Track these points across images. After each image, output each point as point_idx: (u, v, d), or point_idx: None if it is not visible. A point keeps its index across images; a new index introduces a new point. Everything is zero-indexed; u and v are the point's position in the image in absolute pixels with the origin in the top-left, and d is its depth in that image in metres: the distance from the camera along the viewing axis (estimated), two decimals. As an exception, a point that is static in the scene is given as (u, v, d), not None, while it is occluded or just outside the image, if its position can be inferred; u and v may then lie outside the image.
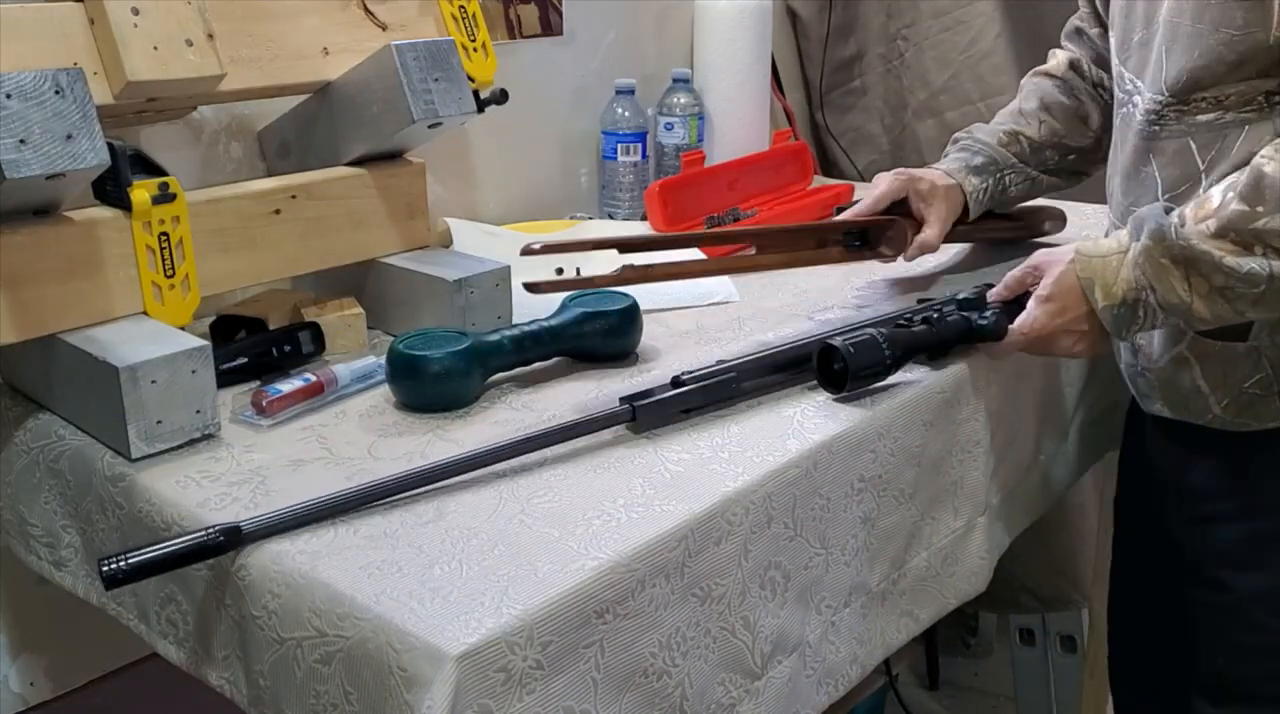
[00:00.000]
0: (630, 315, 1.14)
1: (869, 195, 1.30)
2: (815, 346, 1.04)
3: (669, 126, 1.71)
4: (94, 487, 0.97)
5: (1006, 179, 1.36)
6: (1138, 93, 1.07)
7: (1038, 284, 1.07)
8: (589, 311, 1.12)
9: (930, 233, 1.29)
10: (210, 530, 0.80)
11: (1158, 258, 0.97)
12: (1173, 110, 1.03)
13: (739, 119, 1.76)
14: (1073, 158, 1.37)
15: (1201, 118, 1.01)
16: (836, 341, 1.01)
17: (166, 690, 1.16)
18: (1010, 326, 1.08)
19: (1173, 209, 1.00)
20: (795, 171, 1.77)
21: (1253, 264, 0.92)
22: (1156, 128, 1.05)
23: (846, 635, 1.01)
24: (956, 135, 1.42)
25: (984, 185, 1.34)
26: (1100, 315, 1.02)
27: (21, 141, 0.87)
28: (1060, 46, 1.39)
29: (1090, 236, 1.10)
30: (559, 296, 1.16)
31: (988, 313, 1.09)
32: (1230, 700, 1.15)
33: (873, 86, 2.00)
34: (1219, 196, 0.95)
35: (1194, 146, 1.03)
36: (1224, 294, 0.95)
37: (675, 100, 1.71)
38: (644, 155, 1.66)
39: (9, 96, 0.87)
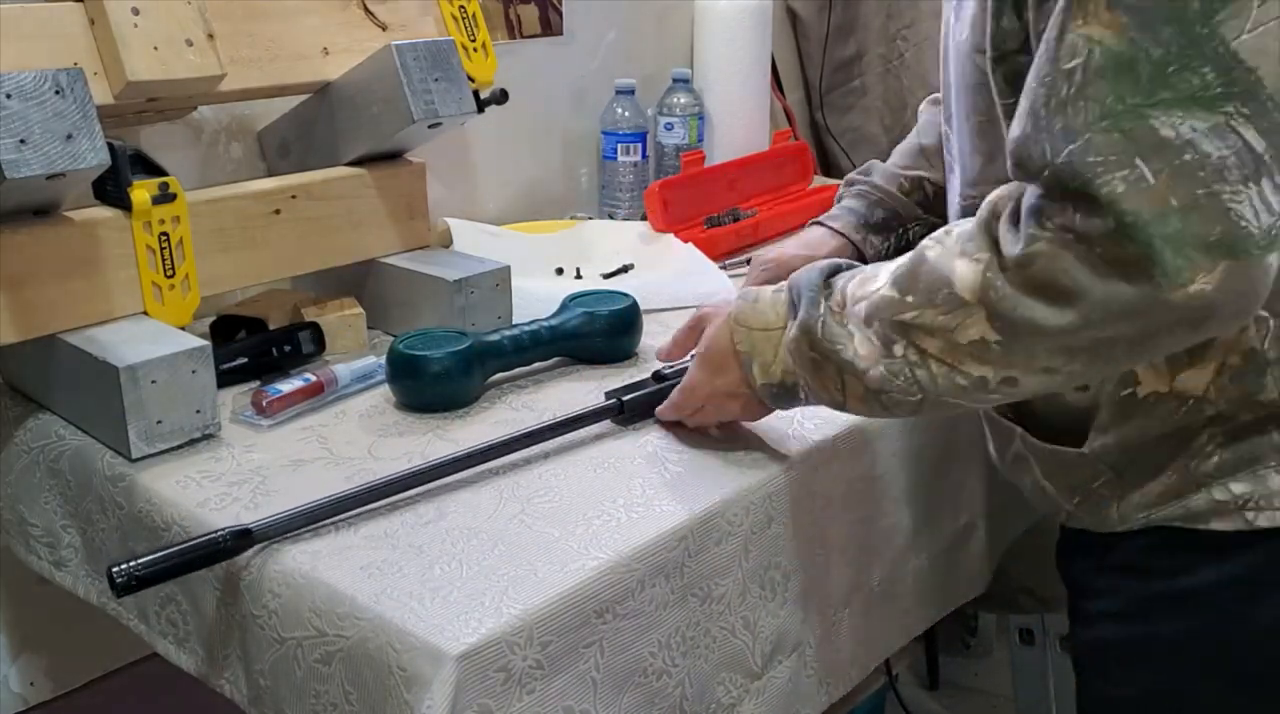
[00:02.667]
0: (630, 315, 1.14)
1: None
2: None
3: (669, 126, 1.71)
4: (94, 487, 0.97)
5: (910, 234, 1.21)
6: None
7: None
8: (589, 312, 1.12)
9: None
10: (221, 534, 0.80)
11: (807, 353, 0.83)
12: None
13: (739, 119, 1.76)
14: None
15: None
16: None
17: (166, 690, 1.16)
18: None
19: (835, 278, 0.84)
20: (795, 171, 1.77)
21: (901, 371, 0.77)
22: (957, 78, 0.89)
23: (846, 635, 1.02)
24: (851, 177, 1.27)
25: (886, 245, 1.20)
26: (759, 392, 0.89)
27: (21, 141, 0.87)
28: None
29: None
30: (559, 297, 1.16)
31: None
32: None
33: (873, 86, 2.00)
34: (880, 276, 0.80)
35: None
36: (880, 400, 0.80)
37: (675, 100, 1.71)
38: (644, 155, 1.66)
39: (9, 96, 0.87)
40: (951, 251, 0.75)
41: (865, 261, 1.03)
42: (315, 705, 0.78)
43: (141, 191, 1.00)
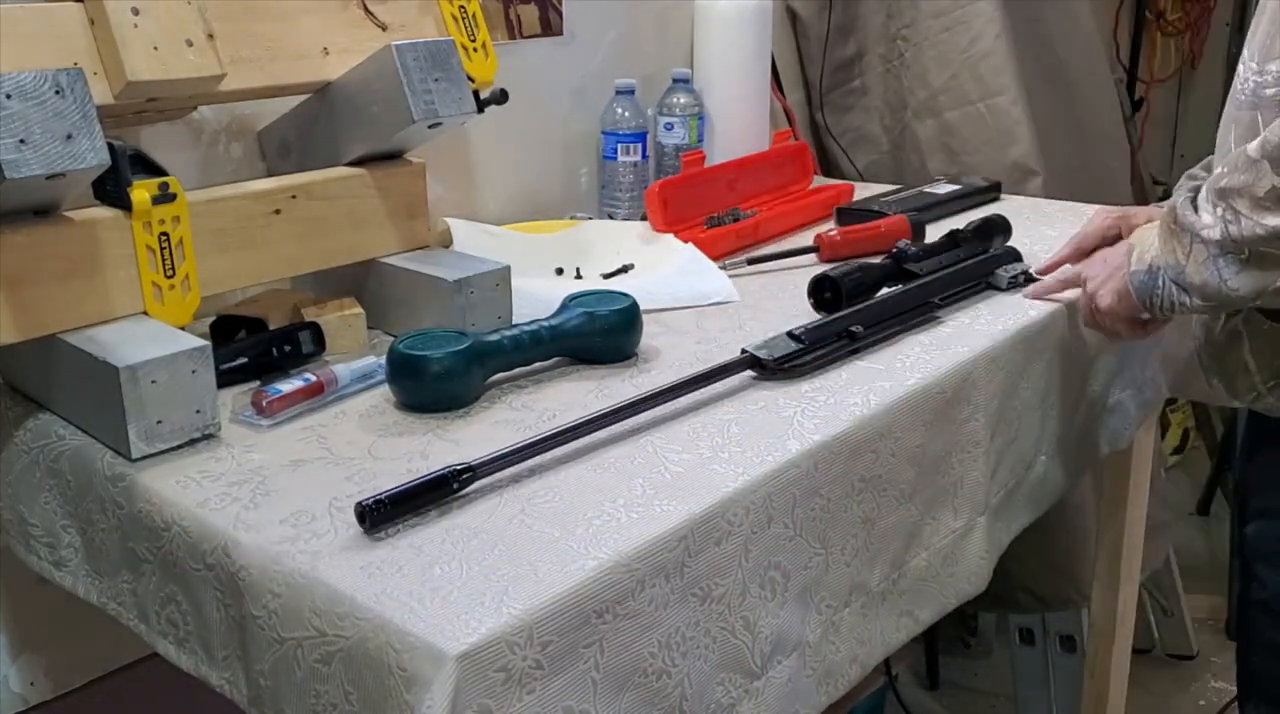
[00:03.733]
0: (630, 315, 1.14)
1: (1074, 236, 1.29)
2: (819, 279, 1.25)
3: (669, 126, 1.71)
4: (94, 487, 0.97)
5: None
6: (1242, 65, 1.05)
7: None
8: (589, 312, 1.12)
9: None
10: (453, 468, 0.85)
11: (1168, 224, 1.00)
12: (1253, 81, 1.01)
13: (739, 119, 1.76)
14: None
15: (1268, 92, 0.99)
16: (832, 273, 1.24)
17: (166, 690, 1.16)
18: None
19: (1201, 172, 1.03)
20: (795, 171, 1.77)
21: (1226, 230, 0.93)
22: (1242, 98, 1.03)
23: (846, 635, 1.02)
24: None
25: None
26: (1130, 280, 1.05)
27: (21, 141, 0.87)
28: None
29: None
30: (559, 297, 1.16)
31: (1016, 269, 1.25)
32: (1259, 701, 1.14)
33: (873, 86, 2.00)
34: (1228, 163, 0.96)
35: (1260, 121, 1.00)
36: (1215, 263, 0.95)
37: (675, 100, 1.71)
38: (644, 155, 1.66)
39: (9, 96, 0.87)
40: (1258, 140, 0.91)
41: None
42: (315, 705, 0.78)
43: (141, 191, 1.00)
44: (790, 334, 1.10)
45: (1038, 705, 1.98)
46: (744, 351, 1.09)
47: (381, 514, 0.82)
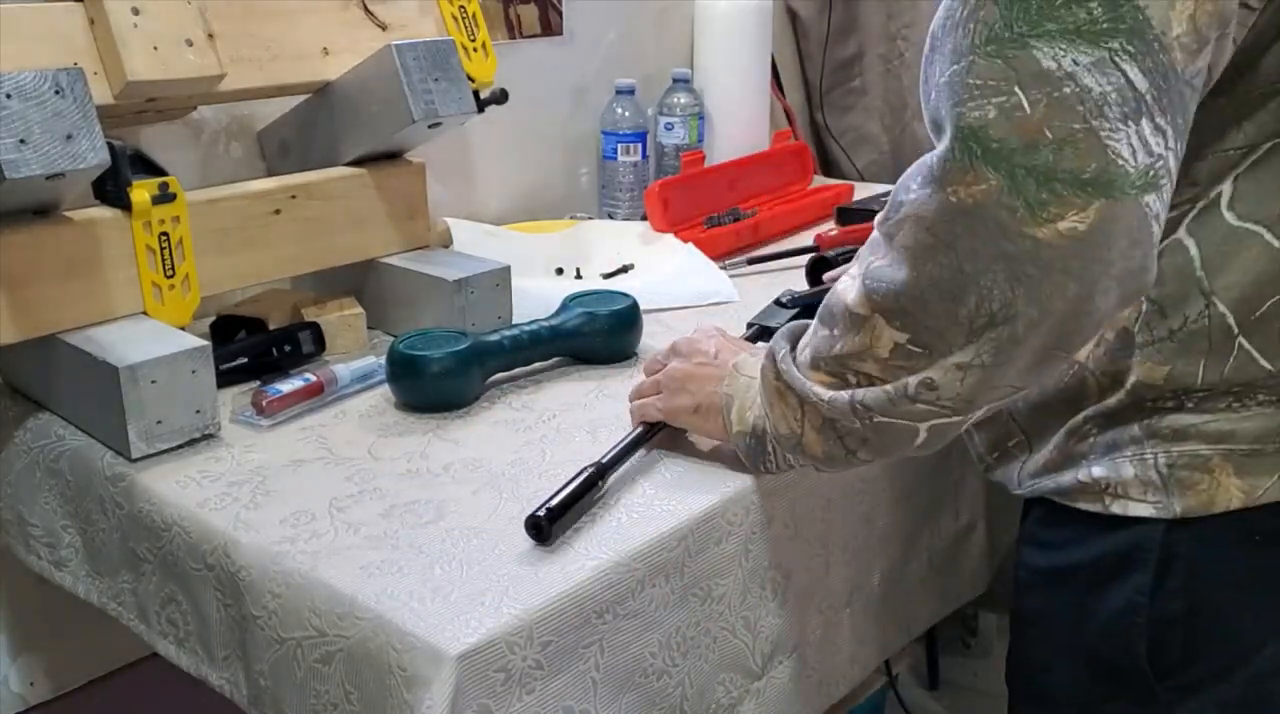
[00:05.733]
0: (630, 315, 1.14)
1: None
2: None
3: (669, 126, 1.71)
4: (94, 487, 0.96)
5: None
6: None
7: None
8: (589, 312, 1.12)
9: None
10: (590, 468, 0.86)
11: (772, 381, 0.83)
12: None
13: (739, 119, 1.76)
14: None
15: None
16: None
17: (166, 690, 1.16)
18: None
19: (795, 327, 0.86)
20: (795, 171, 1.77)
21: (841, 395, 0.77)
22: None
23: (846, 635, 1.02)
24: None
25: None
26: (733, 440, 0.89)
27: (21, 141, 0.87)
28: None
29: None
30: (559, 297, 1.16)
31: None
32: None
33: (873, 86, 2.00)
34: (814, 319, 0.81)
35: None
36: (834, 427, 0.79)
37: (675, 100, 1.71)
38: (644, 155, 1.66)
39: (9, 96, 0.87)
40: (848, 279, 0.76)
41: None
42: (315, 706, 0.78)
43: (141, 191, 1.00)
44: (779, 301, 1.11)
45: (1038, 706, 1.98)
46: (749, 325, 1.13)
47: (555, 523, 0.81)
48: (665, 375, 0.95)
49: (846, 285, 0.75)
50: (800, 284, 1.30)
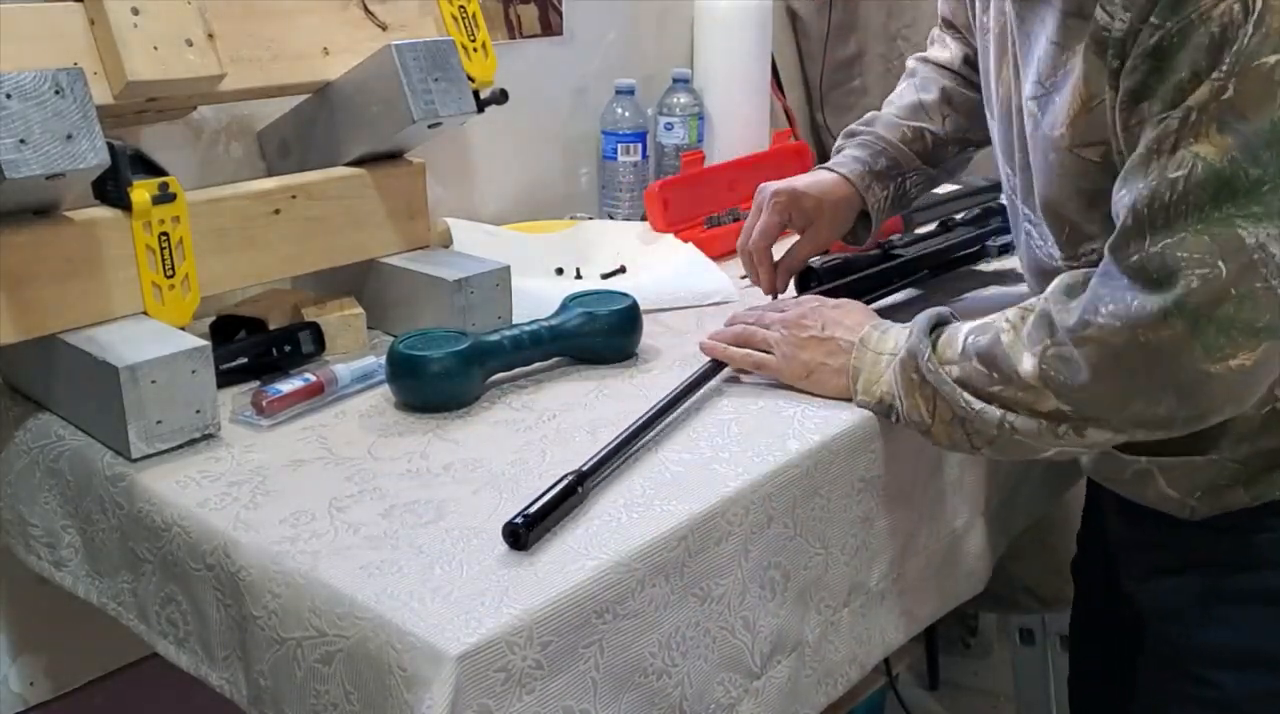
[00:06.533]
0: (630, 315, 1.14)
1: (757, 222, 1.21)
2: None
3: (669, 126, 1.71)
4: (94, 487, 0.97)
5: (908, 183, 1.26)
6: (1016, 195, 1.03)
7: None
8: (589, 312, 1.12)
9: (794, 256, 1.23)
10: (570, 476, 0.86)
11: (909, 373, 0.95)
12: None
13: (739, 119, 1.76)
14: (970, 151, 1.30)
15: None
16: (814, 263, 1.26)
17: (166, 690, 1.16)
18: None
19: (944, 325, 0.97)
20: (795, 171, 1.75)
21: (991, 409, 0.90)
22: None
23: (846, 635, 1.02)
24: (853, 128, 1.30)
25: (885, 193, 1.25)
26: (856, 403, 1.01)
27: (21, 141, 0.87)
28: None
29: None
30: (559, 297, 1.16)
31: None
32: None
33: (873, 86, 2.00)
34: (960, 343, 0.93)
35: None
36: (964, 426, 0.92)
37: (675, 100, 1.71)
38: (644, 155, 1.66)
39: (9, 96, 0.87)
40: (1021, 343, 0.88)
41: (868, 212, 1.25)
42: (315, 705, 0.78)
43: (141, 191, 1.00)
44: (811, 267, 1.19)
45: (1038, 705, 1.98)
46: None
47: (529, 530, 0.81)
48: (789, 334, 1.05)
49: (1018, 350, 0.88)
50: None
